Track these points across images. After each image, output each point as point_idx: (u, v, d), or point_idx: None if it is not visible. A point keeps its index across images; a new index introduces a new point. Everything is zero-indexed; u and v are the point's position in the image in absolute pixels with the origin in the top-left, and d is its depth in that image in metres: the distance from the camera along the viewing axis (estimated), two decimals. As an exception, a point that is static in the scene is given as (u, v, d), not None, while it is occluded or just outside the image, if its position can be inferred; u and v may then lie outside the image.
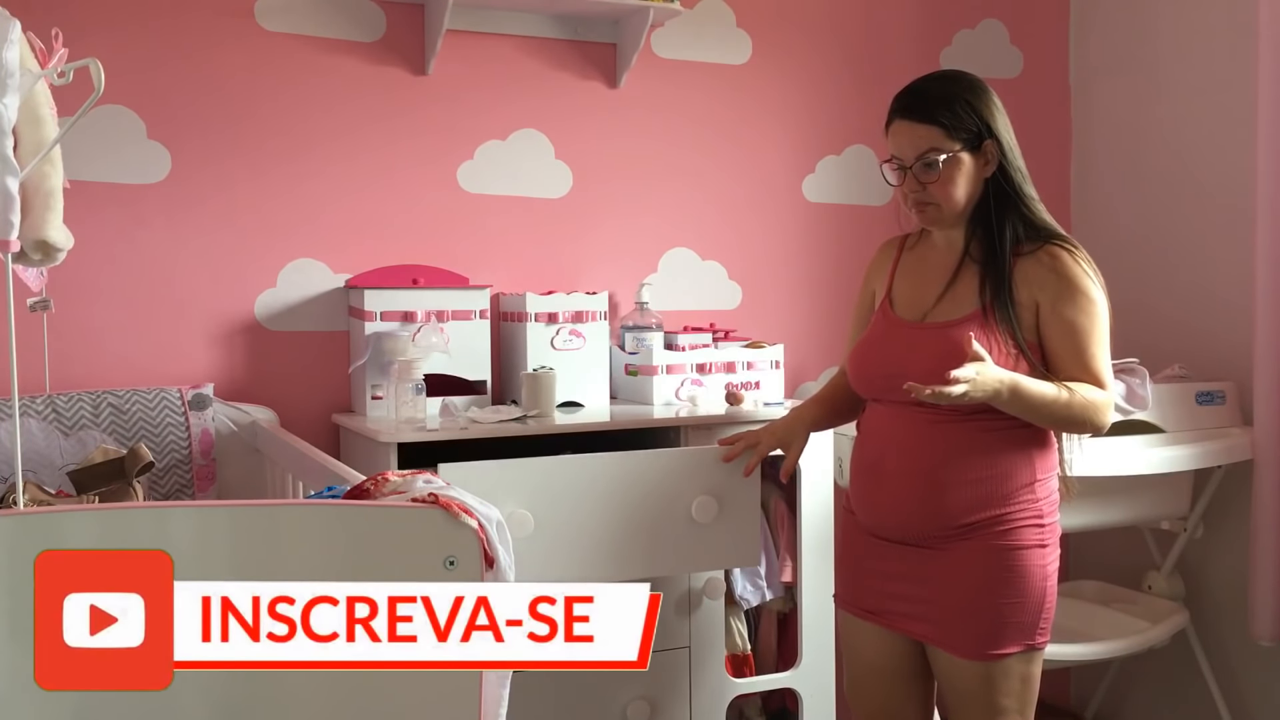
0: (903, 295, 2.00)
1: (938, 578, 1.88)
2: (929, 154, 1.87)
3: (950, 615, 1.88)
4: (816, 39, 2.98)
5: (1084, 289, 1.87)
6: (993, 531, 1.85)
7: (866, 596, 1.99)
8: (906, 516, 1.90)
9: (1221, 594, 2.81)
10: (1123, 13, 3.10)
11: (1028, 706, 1.91)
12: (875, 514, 1.96)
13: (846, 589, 2.06)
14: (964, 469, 1.85)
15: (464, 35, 2.63)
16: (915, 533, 1.90)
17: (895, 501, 1.91)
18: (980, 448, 1.85)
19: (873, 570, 1.97)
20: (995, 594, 1.85)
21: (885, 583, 1.95)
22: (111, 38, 2.36)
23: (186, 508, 1.33)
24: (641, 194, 2.83)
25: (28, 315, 2.14)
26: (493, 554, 1.31)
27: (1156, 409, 2.57)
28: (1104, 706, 3.14)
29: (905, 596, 1.92)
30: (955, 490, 1.85)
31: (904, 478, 1.89)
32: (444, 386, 2.46)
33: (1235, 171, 2.75)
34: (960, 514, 1.85)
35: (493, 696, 1.36)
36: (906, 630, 1.94)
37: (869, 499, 1.97)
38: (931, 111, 1.87)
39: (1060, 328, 1.86)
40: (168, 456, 2.27)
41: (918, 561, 1.90)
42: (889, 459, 1.92)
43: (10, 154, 1.21)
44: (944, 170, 1.87)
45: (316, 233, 2.55)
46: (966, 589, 1.86)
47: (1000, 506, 1.85)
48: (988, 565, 1.85)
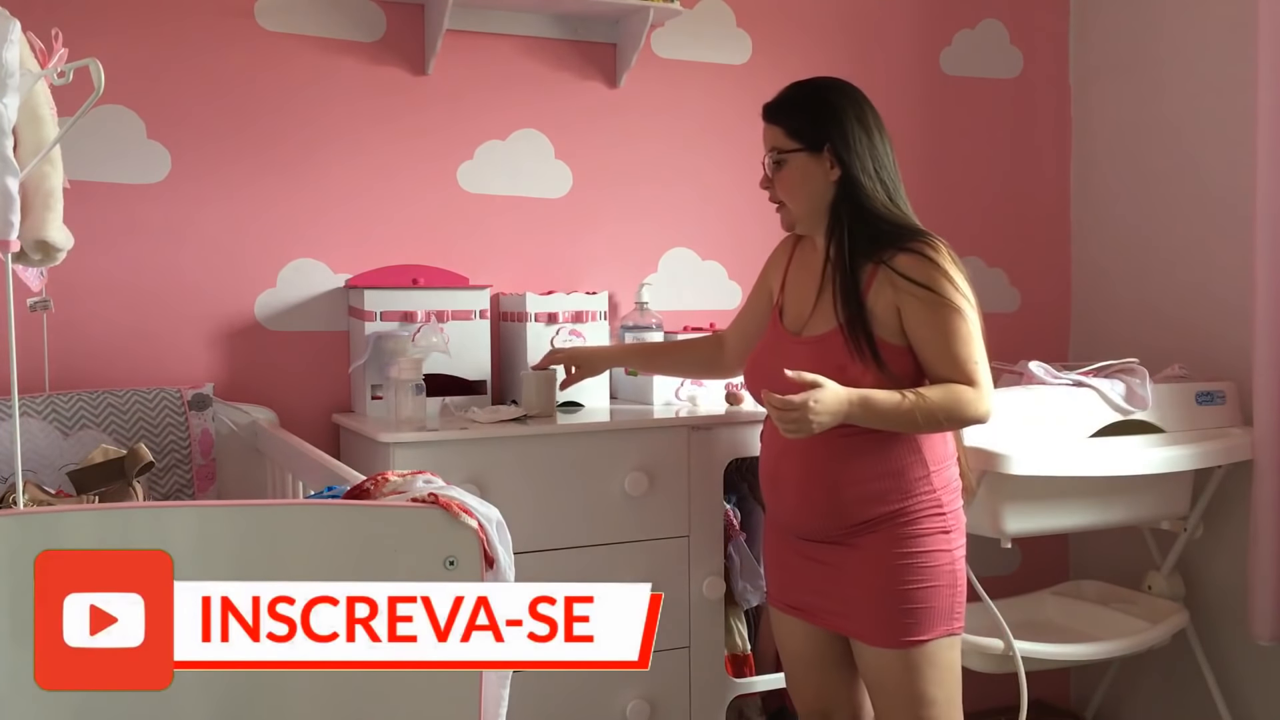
0: (789, 303, 2.06)
1: (848, 572, 1.95)
2: (773, 152, 2.01)
3: (863, 607, 1.93)
4: (817, 39, 2.98)
5: (940, 288, 1.87)
6: (895, 524, 1.91)
7: (789, 592, 2.07)
8: (807, 518, 1.97)
9: (1221, 594, 2.81)
10: (1123, 13, 3.10)
11: (955, 695, 1.95)
12: (781, 516, 2.04)
13: (772, 586, 2.14)
14: (856, 469, 1.91)
15: (464, 35, 2.63)
16: (820, 531, 1.97)
17: (796, 504, 1.98)
18: (869, 448, 1.90)
19: (791, 567, 2.05)
20: (904, 582, 1.90)
21: (803, 579, 2.02)
22: (111, 38, 2.36)
23: (186, 508, 1.33)
24: (641, 194, 2.83)
25: (28, 315, 2.14)
26: (493, 554, 1.31)
27: (1156, 409, 2.57)
28: (1104, 706, 3.14)
29: (821, 591, 1.99)
30: (849, 490, 1.91)
31: (800, 482, 1.97)
32: (444, 386, 2.46)
33: (1235, 171, 2.75)
34: (858, 512, 1.92)
35: (493, 696, 1.36)
36: (826, 625, 2.01)
37: (773, 503, 2.06)
38: (776, 111, 2.01)
39: (924, 330, 1.87)
40: (168, 456, 2.27)
41: (827, 558, 1.97)
42: (785, 465, 1.99)
43: (10, 154, 1.21)
44: (786, 170, 1.99)
45: (316, 233, 2.55)
46: (876, 580, 1.92)
47: (898, 501, 1.91)
48: (894, 554, 1.91)
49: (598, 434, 2.32)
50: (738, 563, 2.48)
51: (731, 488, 2.52)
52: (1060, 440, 2.44)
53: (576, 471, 2.29)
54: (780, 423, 1.80)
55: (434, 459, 2.13)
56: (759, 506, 2.57)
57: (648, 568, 2.33)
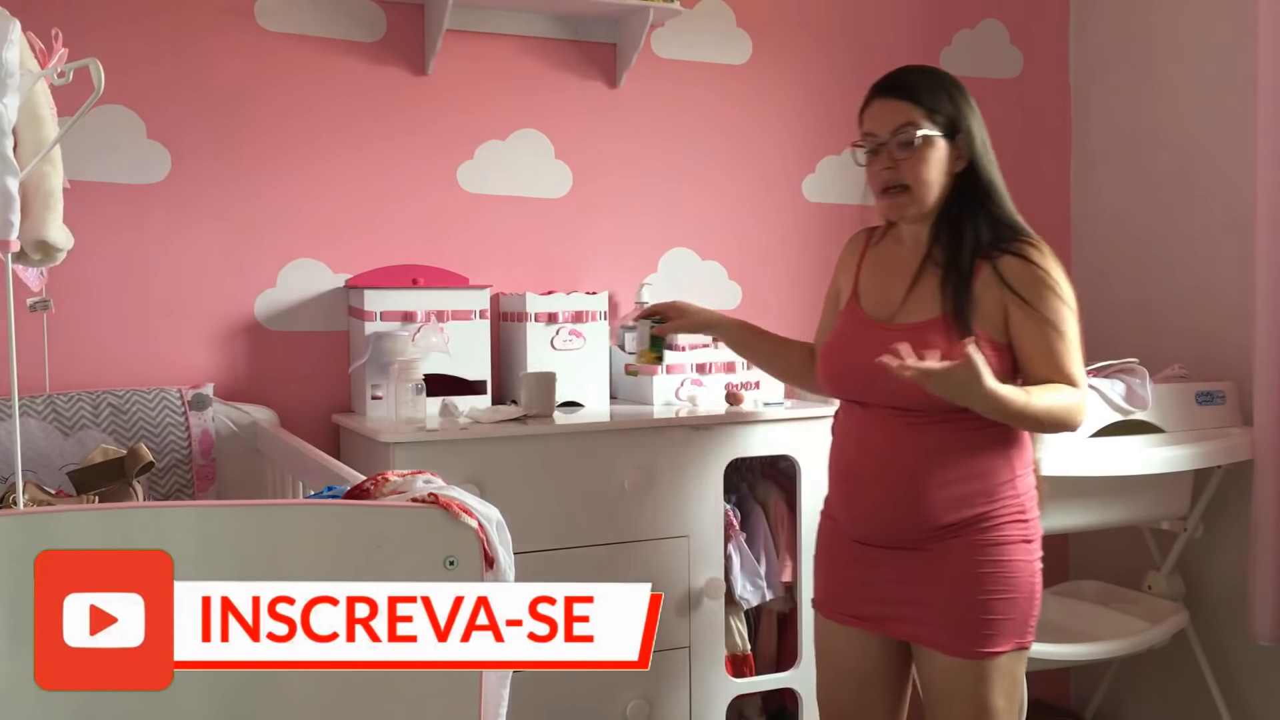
0: (870, 293, 1.98)
1: (926, 578, 1.86)
2: (906, 129, 1.85)
3: (941, 614, 1.86)
4: (816, 39, 2.98)
5: (1053, 289, 1.86)
6: (978, 529, 1.84)
7: (849, 602, 1.97)
8: (889, 520, 1.88)
9: (1221, 594, 2.81)
10: (1123, 13, 3.10)
11: (1018, 709, 1.91)
12: (857, 519, 1.93)
13: (826, 595, 2.03)
14: (944, 469, 1.83)
15: (464, 35, 2.63)
16: (899, 535, 1.87)
17: (876, 505, 1.89)
18: (957, 447, 1.84)
19: (856, 576, 1.95)
20: (985, 590, 1.84)
21: (870, 588, 1.92)
22: (111, 38, 2.36)
23: (186, 508, 1.33)
24: (641, 194, 2.83)
25: (28, 315, 2.14)
26: (493, 554, 1.31)
27: (1156, 409, 2.57)
28: (1104, 706, 3.14)
29: (893, 599, 1.90)
30: (936, 491, 1.83)
31: (884, 481, 1.87)
32: (444, 386, 2.46)
33: (1235, 171, 2.75)
34: (942, 514, 1.84)
35: (493, 696, 1.36)
36: (894, 633, 1.92)
37: (849, 504, 1.95)
38: (913, 89, 1.87)
39: (1031, 329, 1.84)
40: (168, 456, 2.27)
41: (904, 563, 1.88)
42: (867, 462, 1.90)
43: (10, 154, 1.21)
44: (919, 149, 1.85)
45: (316, 233, 2.55)
46: (956, 587, 1.84)
47: (983, 504, 1.84)
48: (976, 562, 1.84)
49: (598, 434, 2.32)
50: (738, 563, 2.48)
51: (731, 488, 2.52)
52: (1060, 440, 2.44)
53: (576, 471, 2.29)
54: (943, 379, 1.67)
55: (434, 459, 2.13)
56: (759, 506, 2.57)
57: (648, 568, 2.33)
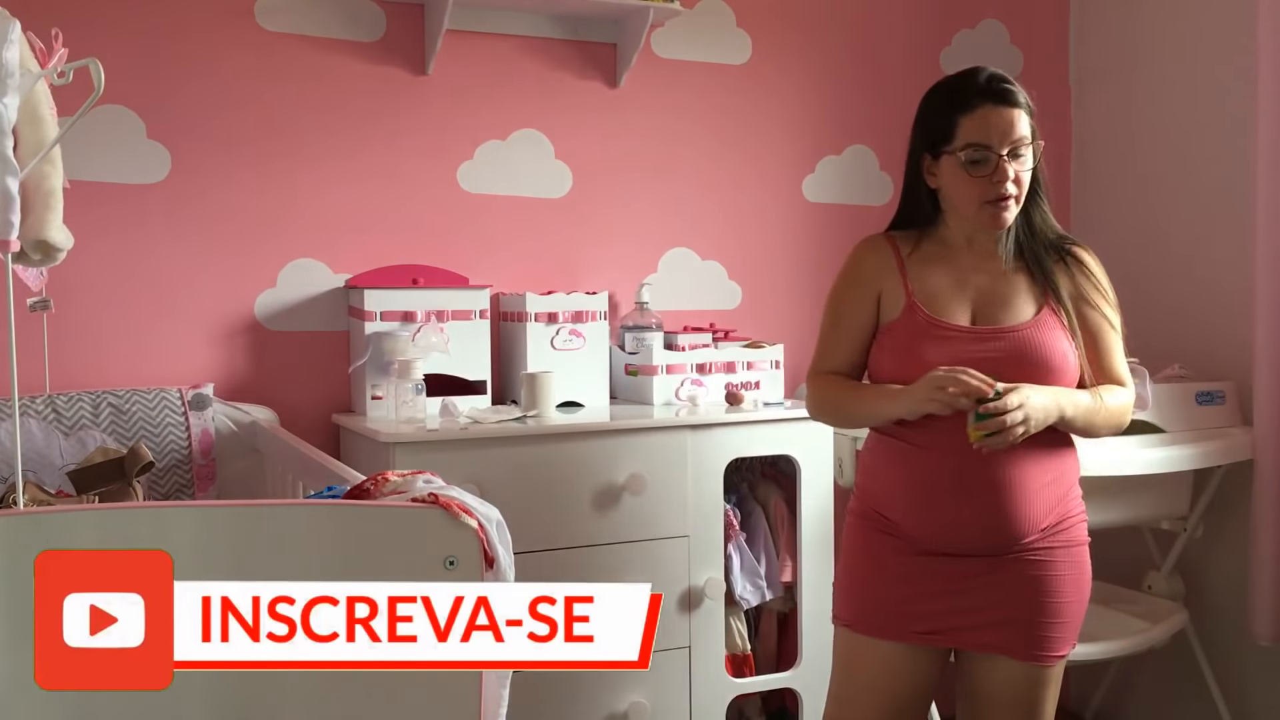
0: (938, 299, 1.86)
1: (1010, 584, 1.81)
2: (1023, 143, 1.81)
3: (1025, 620, 1.82)
4: (816, 39, 2.98)
5: (1109, 290, 1.91)
6: (1059, 532, 1.83)
7: (908, 619, 1.85)
8: (984, 529, 1.79)
9: (1221, 594, 2.81)
10: (1123, 13, 3.10)
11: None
12: (944, 530, 1.81)
13: (873, 612, 1.88)
14: (1038, 472, 1.80)
15: (464, 35, 2.63)
16: (991, 544, 1.80)
17: (969, 515, 1.79)
18: (1042, 449, 1.80)
19: (920, 591, 1.84)
20: (1064, 594, 1.83)
21: (937, 600, 1.83)
22: (111, 38, 2.36)
23: (186, 508, 1.33)
24: (641, 194, 2.83)
25: (28, 315, 2.14)
26: (493, 554, 1.31)
27: (1156, 409, 2.57)
28: (1104, 706, 3.14)
29: (967, 609, 1.82)
30: (1035, 494, 1.79)
31: (984, 489, 1.78)
32: (444, 386, 2.46)
33: (1235, 172, 2.75)
34: (1041, 518, 1.80)
35: (493, 696, 1.37)
36: (964, 644, 1.85)
37: (932, 515, 1.82)
38: (1020, 98, 1.82)
39: (1094, 328, 1.88)
40: (168, 456, 2.27)
41: (987, 572, 1.81)
42: (964, 471, 1.79)
43: (10, 154, 1.21)
44: (1026, 161, 1.83)
45: (316, 233, 2.55)
46: (1040, 592, 1.81)
47: (1065, 505, 1.83)
48: (1056, 564, 1.82)
49: (598, 434, 2.32)
50: (738, 563, 2.48)
51: (731, 488, 2.52)
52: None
53: (576, 471, 2.29)
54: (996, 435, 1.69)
55: (434, 459, 2.13)
56: (759, 506, 2.58)
57: (648, 568, 2.33)
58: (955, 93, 1.83)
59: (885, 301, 1.89)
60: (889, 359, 1.86)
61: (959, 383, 1.72)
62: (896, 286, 1.88)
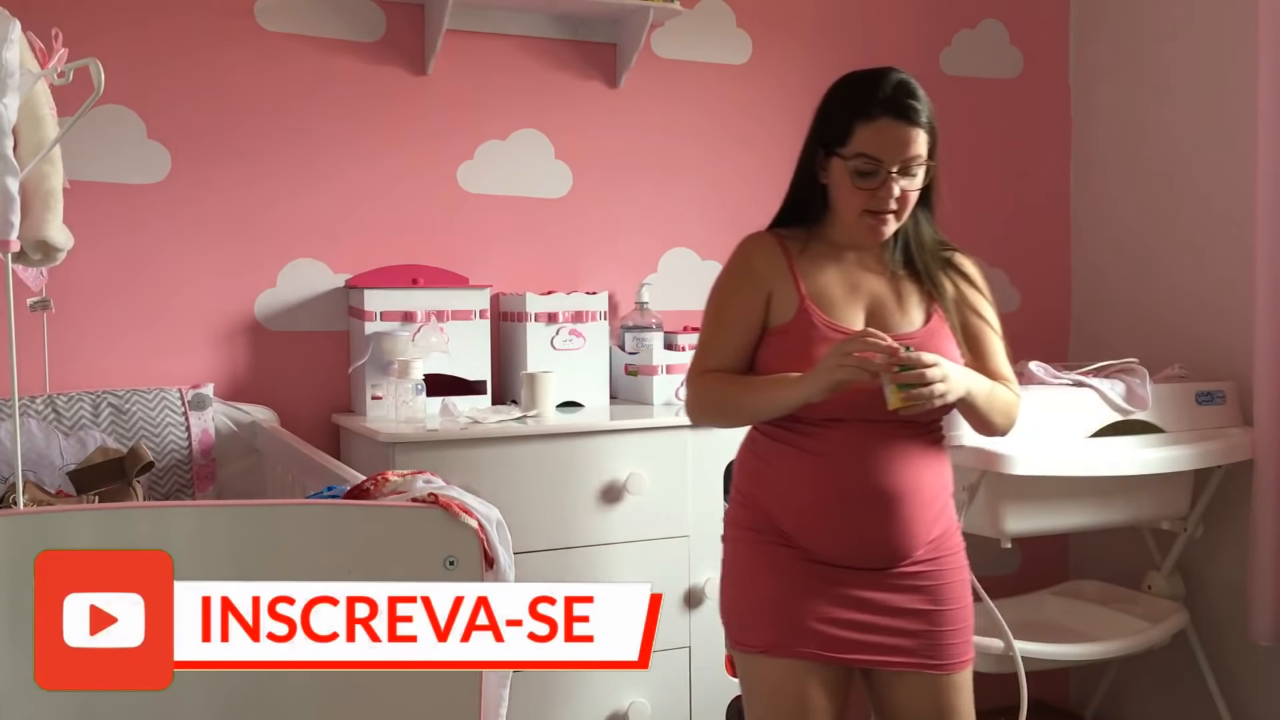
0: (832, 302, 1.79)
1: (912, 595, 1.76)
2: (916, 161, 1.74)
3: (931, 630, 1.77)
4: (817, 39, 2.98)
5: (988, 294, 1.88)
6: (949, 540, 1.81)
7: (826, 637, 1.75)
8: (887, 539, 1.74)
9: (1221, 594, 2.81)
10: (1123, 13, 3.10)
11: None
12: (843, 541, 1.74)
13: (787, 633, 1.75)
14: (929, 480, 1.77)
15: (464, 35, 2.63)
16: (892, 554, 1.75)
17: (874, 526, 1.73)
18: (933, 457, 1.79)
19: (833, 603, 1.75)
20: (963, 599, 1.81)
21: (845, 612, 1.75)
22: (111, 38, 2.36)
23: (186, 508, 1.33)
24: (641, 194, 2.83)
25: (28, 315, 2.14)
26: (493, 554, 1.31)
27: (1156, 409, 2.57)
28: (1104, 706, 3.14)
29: (873, 626, 1.76)
30: (928, 504, 1.76)
31: (883, 499, 1.73)
32: (444, 386, 2.46)
33: (1235, 172, 2.74)
34: (931, 526, 1.77)
35: (493, 696, 1.37)
36: (873, 661, 1.77)
37: (835, 526, 1.74)
38: (923, 115, 1.74)
39: (977, 333, 1.85)
40: (168, 456, 2.27)
41: (885, 583, 1.76)
42: (862, 480, 1.73)
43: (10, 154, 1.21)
44: (918, 180, 1.76)
45: (316, 233, 2.55)
46: (944, 600, 1.78)
47: (948, 513, 1.82)
48: (951, 571, 1.80)
49: (598, 434, 2.32)
50: (738, 563, 2.48)
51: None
52: (1060, 440, 2.44)
53: (576, 471, 2.29)
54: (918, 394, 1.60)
55: (434, 459, 2.13)
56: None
57: (648, 568, 2.33)
58: (858, 97, 1.74)
59: (776, 303, 1.80)
60: (780, 363, 1.76)
61: (867, 344, 1.63)
62: (788, 287, 1.80)
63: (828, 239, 1.84)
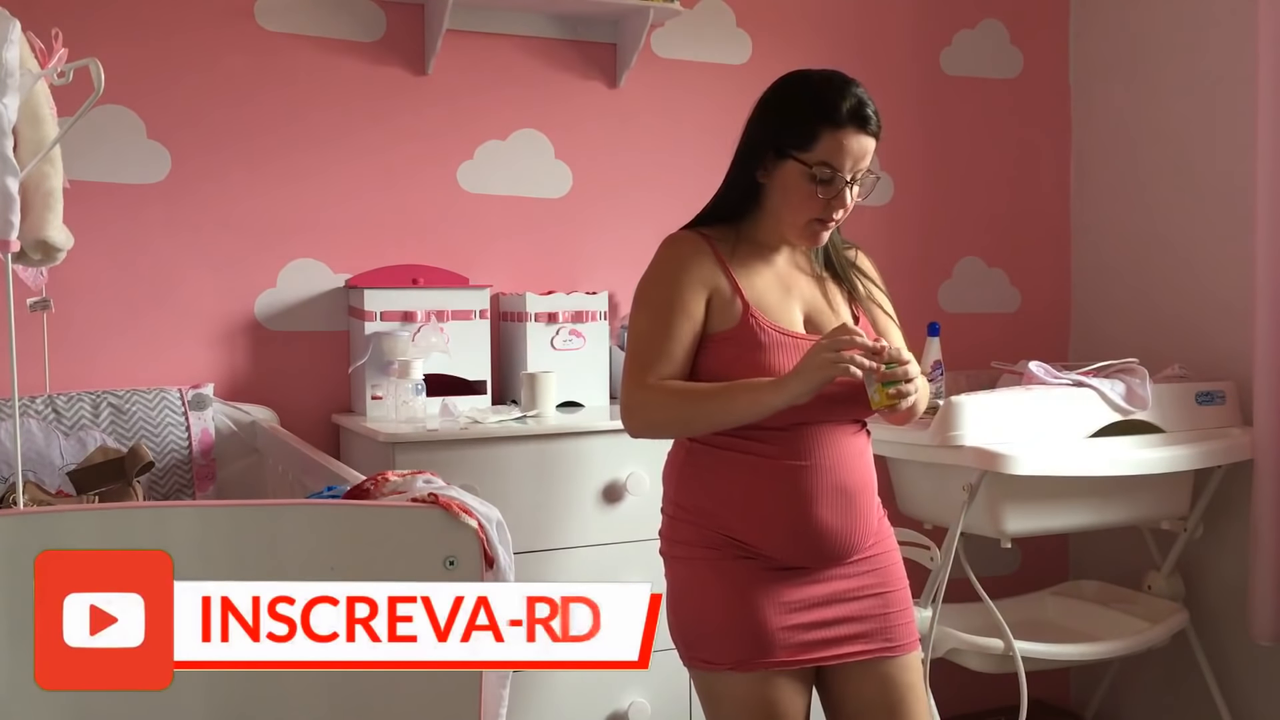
0: (772, 306, 1.77)
1: (862, 584, 1.77)
2: (867, 171, 1.75)
3: (881, 615, 1.78)
4: (817, 39, 2.98)
5: (885, 288, 1.91)
6: (884, 524, 1.85)
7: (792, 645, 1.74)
8: (845, 533, 1.74)
9: (1221, 594, 2.81)
10: (1123, 13, 3.10)
11: None
12: (809, 542, 1.73)
13: (754, 647, 1.72)
14: (870, 474, 1.81)
15: (464, 35, 2.63)
16: (848, 547, 1.75)
17: (834, 522, 1.73)
18: (869, 448, 1.83)
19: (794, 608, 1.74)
20: (903, 580, 1.84)
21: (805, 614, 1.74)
22: (111, 37, 2.36)
23: (186, 508, 1.33)
24: (642, 194, 2.83)
25: (28, 315, 2.14)
26: (493, 554, 1.31)
27: (1156, 409, 2.57)
28: (1104, 706, 3.14)
29: (832, 621, 1.75)
30: (870, 497, 1.80)
31: (839, 494, 1.74)
32: (444, 386, 2.46)
33: (1235, 171, 2.75)
34: (875, 518, 1.81)
35: (493, 696, 1.37)
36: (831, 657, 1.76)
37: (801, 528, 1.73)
38: (879, 128, 1.73)
39: (887, 327, 1.87)
40: (168, 456, 2.27)
41: (840, 577, 1.76)
42: (827, 479, 1.74)
43: (10, 154, 1.21)
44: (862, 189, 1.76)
45: (316, 233, 2.55)
46: (889, 583, 1.80)
47: (878, 501, 1.84)
48: (888, 554, 1.83)
49: (598, 434, 2.32)
50: (738, 563, 2.47)
51: (731, 488, 2.51)
52: (1060, 440, 2.44)
53: (576, 471, 2.29)
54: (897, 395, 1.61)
55: (434, 459, 2.13)
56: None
57: (648, 568, 2.32)
58: (824, 102, 1.71)
59: (715, 308, 1.75)
60: (729, 371, 1.72)
61: (855, 344, 1.61)
62: (727, 291, 1.75)
63: (753, 239, 1.81)
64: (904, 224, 3.05)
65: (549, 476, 2.27)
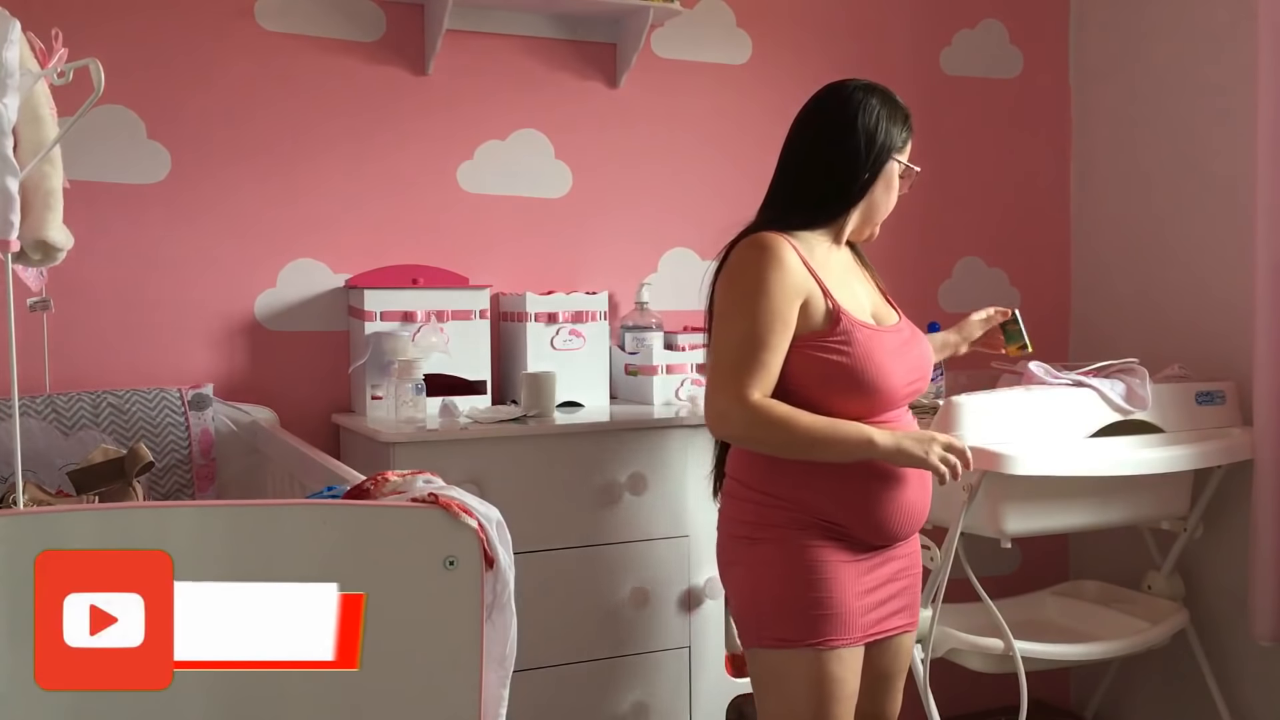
0: (851, 302, 1.87)
1: (911, 561, 1.97)
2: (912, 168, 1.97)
3: (915, 589, 1.99)
4: (817, 39, 2.98)
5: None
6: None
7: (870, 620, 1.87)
8: (924, 510, 1.92)
9: (1221, 594, 2.81)
10: (1122, 13, 3.10)
11: None
12: (892, 521, 1.85)
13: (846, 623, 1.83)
14: None
15: (464, 35, 2.63)
16: (920, 523, 1.94)
17: (915, 501, 1.89)
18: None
19: (874, 586, 1.88)
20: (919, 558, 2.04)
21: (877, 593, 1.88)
22: (111, 38, 2.36)
23: (186, 508, 1.33)
24: (641, 194, 2.83)
25: (28, 315, 2.14)
26: (493, 554, 1.31)
27: (1156, 409, 2.57)
28: (1104, 706, 3.14)
29: (894, 596, 1.93)
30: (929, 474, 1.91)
31: (920, 473, 1.88)
32: (444, 386, 2.46)
33: (1235, 171, 2.74)
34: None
35: (493, 696, 1.36)
36: (892, 629, 1.93)
37: (894, 507, 1.85)
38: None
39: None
40: (168, 456, 2.27)
41: (897, 556, 1.93)
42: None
43: (10, 154, 1.21)
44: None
45: (316, 233, 2.55)
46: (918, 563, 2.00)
47: None
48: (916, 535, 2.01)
49: (598, 434, 2.33)
50: (738, 563, 2.47)
51: (731, 488, 2.51)
52: (1060, 440, 2.44)
53: (576, 471, 2.29)
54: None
55: (434, 459, 2.13)
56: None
57: (648, 568, 2.33)
58: (901, 110, 1.92)
59: (807, 312, 1.81)
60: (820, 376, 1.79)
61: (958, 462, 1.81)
62: (818, 295, 1.81)
63: (811, 242, 1.89)
64: (904, 224, 3.04)
65: (549, 476, 2.28)
